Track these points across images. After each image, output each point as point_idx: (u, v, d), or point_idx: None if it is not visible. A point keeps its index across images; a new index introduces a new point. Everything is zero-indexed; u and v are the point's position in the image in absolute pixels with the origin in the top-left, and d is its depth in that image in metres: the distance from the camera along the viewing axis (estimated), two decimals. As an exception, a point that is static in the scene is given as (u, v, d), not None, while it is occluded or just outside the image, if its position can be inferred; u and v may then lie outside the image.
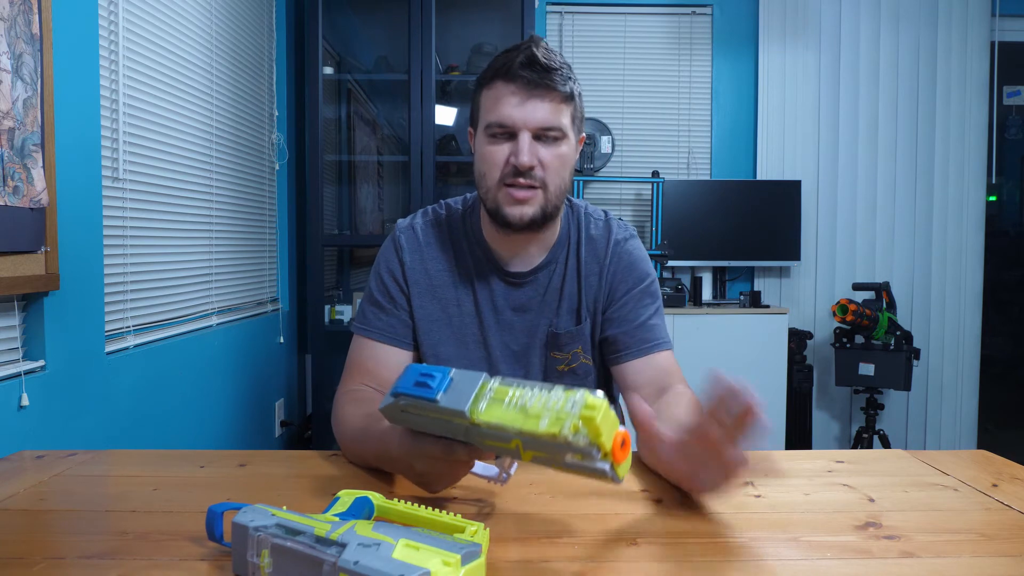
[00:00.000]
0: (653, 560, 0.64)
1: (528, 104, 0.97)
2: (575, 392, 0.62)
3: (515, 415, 0.63)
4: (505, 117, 0.97)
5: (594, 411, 0.59)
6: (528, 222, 1.01)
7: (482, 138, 1.01)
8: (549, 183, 1.00)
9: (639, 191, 3.45)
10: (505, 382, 0.67)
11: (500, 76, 0.98)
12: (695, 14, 3.41)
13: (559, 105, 0.98)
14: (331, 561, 0.53)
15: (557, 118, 0.98)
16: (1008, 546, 0.68)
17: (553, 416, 0.60)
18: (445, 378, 0.67)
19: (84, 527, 0.72)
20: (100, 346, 1.52)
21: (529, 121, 0.97)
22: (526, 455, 0.64)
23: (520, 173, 0.98)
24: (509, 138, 0.99)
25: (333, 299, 3.04)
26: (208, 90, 2.13)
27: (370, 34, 3.23)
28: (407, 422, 0.72)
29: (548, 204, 1.01)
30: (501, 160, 0.99)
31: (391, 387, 0.70)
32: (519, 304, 1.11)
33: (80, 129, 1.43)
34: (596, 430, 0.59)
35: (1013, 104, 3.62)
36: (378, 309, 1.10)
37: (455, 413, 0.64)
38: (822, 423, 3.41)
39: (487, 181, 1.01)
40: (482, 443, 0.66)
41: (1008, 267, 4.20)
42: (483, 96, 1.01)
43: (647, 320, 1.10)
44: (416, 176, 2.77)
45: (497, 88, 0.98)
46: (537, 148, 0.98)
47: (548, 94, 0.97)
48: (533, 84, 0.96)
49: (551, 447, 0.61)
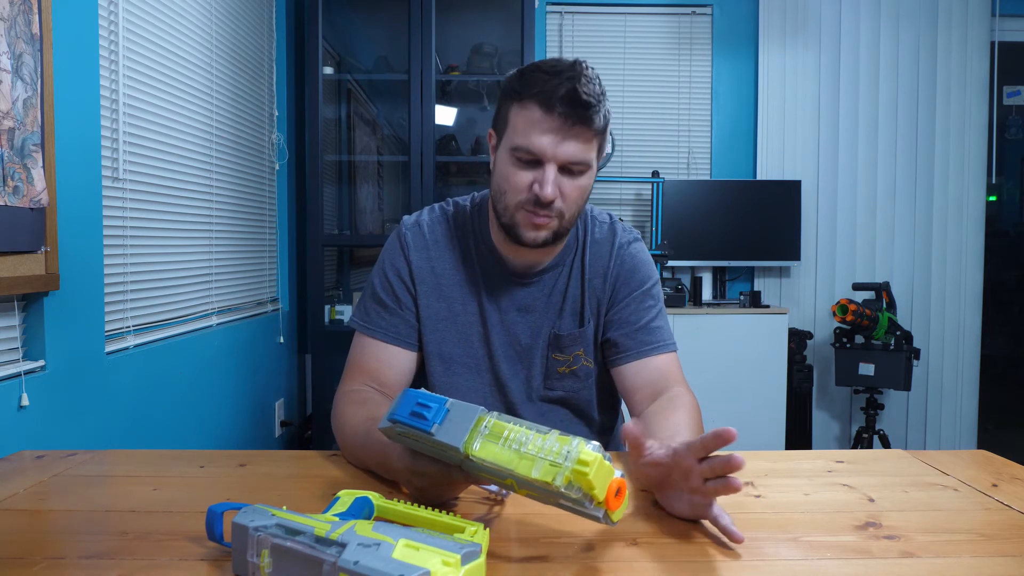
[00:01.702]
0: (653, 560, 0.64)
1: (560, 137, 0.94)
2: (570, 441, 0.62)
3: (509, 456, 0.63)
4: (535, 148, 0.95)
5: (587, 467, 0.59)
6: (541, 244, 1.01)
7: (506, 156, 0.99)
8: (566, 212, 1.00)
9: (639, 191, 3.45)
10: (502, 418, 0.67)
11: (538, 101, 0.94)
12: (695, 14, 3.41)
13: (591, 141, 0.97)
14: (331, 561, 0.53)
15: (586, 154, 0.96)
16: (1008, 546, 0.68)
17: (547, 464, 0.61)
18: (441, 409, 0.67)
19: (84, 527, 0.72)
20: (100, 346, 1.52)
21: (559, 156, 0.95)
22: (520, 491, 0.65)
23: (540, 204, 0.97)
24: (534, 165, 0.96)
25: (333, 299, 3.04)
26: (208, 90, 2.13)
27: (370, 34, 3.23)
28: (405, 443, 0.72)
29: (562, 228, 1.01)
30: (524, 186, 0.97)
31: (389, 409, 0.70)
32: (524, 304, 1.11)
33: (80, 129, 1.43)
34: (589, 484, 0.59)
35: (1013, 104, 3.62)
36: (382, 308, 1.10)
37: (450, 448, 0.65)
38: (822, 423, 3.42)
39: (506, 199, 1.00)
40: (477, 475, 0.67)
41: (1008, 267, 4.21)
42: (514, 111, 0.97)
43: (648, 323, 1.10)
44: (416, 176, 2.77)
45: (532, 111, 0.94)
46: (561, 181, 0.97)
47: (583, 133, 0.94)
48: (571, 122, 0.93)
49: (544, 492, 0.62)
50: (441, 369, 1.11)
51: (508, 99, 0.98)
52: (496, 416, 0.67)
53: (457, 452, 0.65)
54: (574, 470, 0.59)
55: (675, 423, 0.92)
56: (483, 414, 0.67)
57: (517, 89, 0.96)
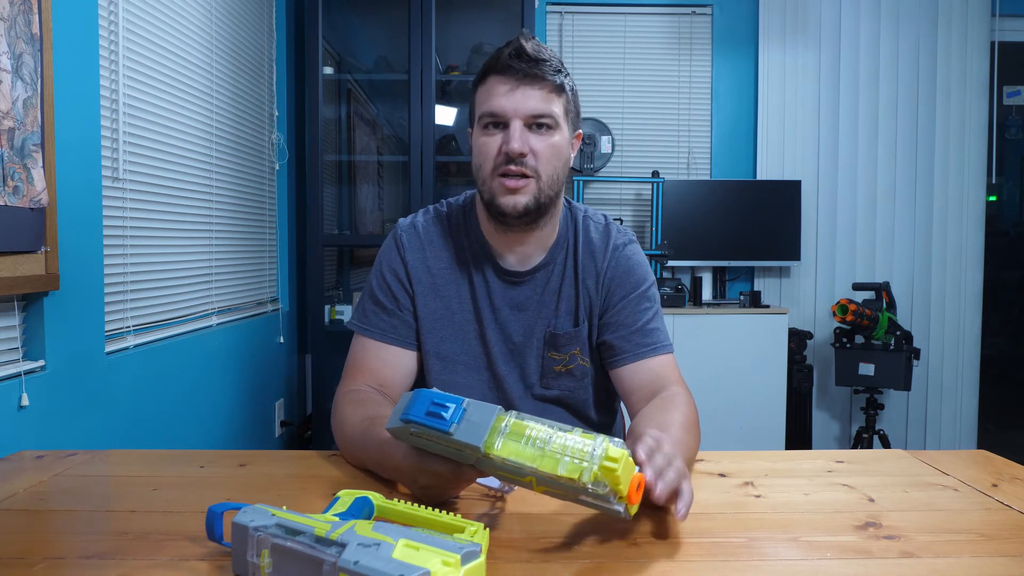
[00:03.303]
0: (653, 560, 0.64)
1: (518, 92, 0.99)
2: (595, 438, 0.63)
3: (532, 454, 0.64)
4: (496, 107, 0.99)
5: (615, 463, 0.61)
6: (522, 211, 1.01)
7: (477, 131, 1.04)
8: (542, 172, 1.01)
9: (639, 191, 3.45)
10: (522, 417, 0.67)
11: (492, 71, 1.01)
12: (695, 14, 3.41)
13: (549, 94, 1.00)
14: (331, 561, 0.53)
15: (547, 106, 1.00)
16: (1008, 546, 0.68)
17: (573, 462, 0.62)
18: (459, 409, 0.66)
19: (84, 527, 0.72)
20: (100, 346, 1.52)
21: (519, 109, 0.99)
22: (538, 488, 0.65)
23: (512, 160, 0.99)
24: (502, 128, 1.00)
25: (333, 299, 3.04)
26: (208, 90, 2.13)
27: (370, 34, 3.23)
28: (414, 442, 0.72)
29: (541, 194, 1.02)
30: (494, 150, 1.00)
31: (400, 409, 0.69)
32: (516, 302, 1.11)
33: (80, 129, 1.43)
34: (616, 480, 0.61)
35: (1013, 104, 3.62)
36: (380, 309, 1.10)
37: (470, 447, 0.65)
38: (822, 423, 3.41)
39: (482, 172, 1.03)
40: (493, 472, 0.68)
41: (1008, 267, 4.21)
42: (478, 93, 1.04)
43: (644, 324, 1.10)
44: (416, 176, 2.77)
45: (489, 83, 1.01)
46: (529, 137, 1.00)
47: (538, 83, 0.99)
48: (522, 74, 0.99)
49: (567, 488, 0.63)
50: (439, 367, 1.11)
51: (473, 90, 1.06)
52: (515, 415, 0.67)
53: (476, 451, 0.64)
54: (602, 467, 0.61)
55: (667, 419, 0.92)
56: (501, 413, 0.67)
57: (477, 77, 1.05)
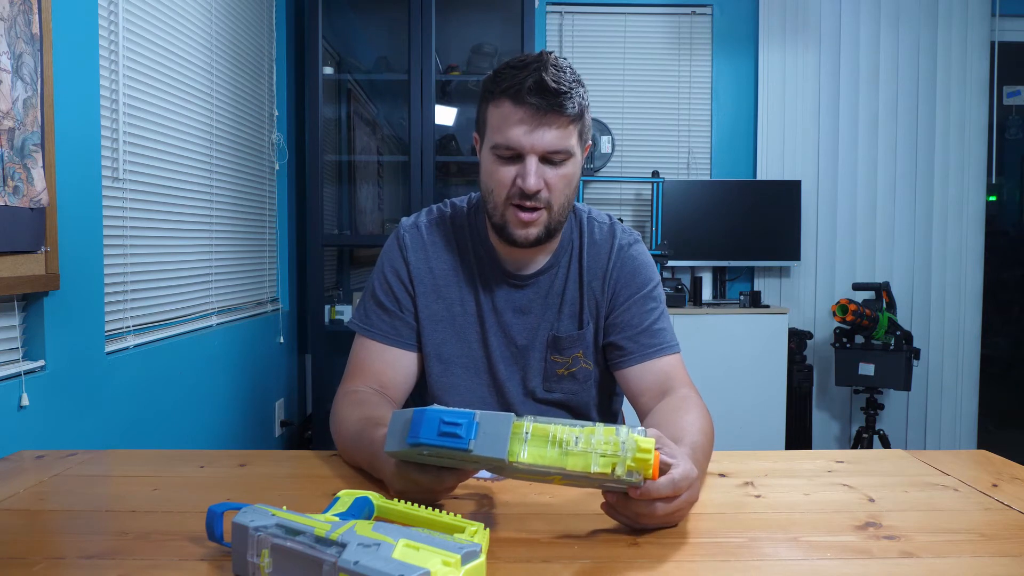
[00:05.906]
0: (653, 560, 0.64)
1: (536, 132, 0.95)
2: (619, 431, 0.65)
3: (558, 455, 0.65)
4: (513, 142, 0.96)
5: (648, 454, 0.63)
6: (534, 241, 1.02)
7: (488, 155, 1.00)
8: (554, 203, 1.00)
9: (639, 191, 3.45)
10: (540, 421, 0.67)
11: (508, 96, 0.96)
12: (695, 14, 3.41)
13: (567, 127, 0.97)
14: (331, 561, 0.53)
15: (565, 142, 0.97)
16: (1008, 546, 0.68)
17: (603, 458, 0.64)
18: (472, 424, 0.65)
19: (84, 527, 0.72)
20: (100, 346, 1.52)
21: (536, 147, 0.96)
22: (561, 483, 0.67)
23: (526, 196, 0.98)
24: (516, 160, 0.98)
25: (333, 299, 3.04)
26: (208, 90, 2.12)
27: (370, 34, 3.23)
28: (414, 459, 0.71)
29: (552, 222, 1.02)
30: (508, 181, 0.99)
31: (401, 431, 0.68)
32: (520, 306, 1.11)
33: (80, 129, 1.43)
34: (647, 467, 0.63)
35: (1013, 104, 3.62)
36: (382, 310, 1.10)
37: (492, 461, 0.65)
38: (822, 423, 3.41)
39: (494, 198, 1.01)
40: (514, 476, 0.69)
41: (1008, 267, 4.20)
42: (490, 111, 0.99)
43: (650, 325, 1.09)
44: (416, 176, 2.77)
45: (505, 108, 0.96)
46: (544, 171, 0.98)
47: (556, 120, 0.95)
48: (542, 112, 0.94)
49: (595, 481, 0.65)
50: (440, 369, 1.11)
51: (484, 100, 1.01)
52: (532, 420, 0.67)
53: (501, 463, 0.64)
54: (636, 458, 0.63)
55: (684, 424, 0.90)
56: (517, 420, 0.66)
57: (490, 89, 0.99)
